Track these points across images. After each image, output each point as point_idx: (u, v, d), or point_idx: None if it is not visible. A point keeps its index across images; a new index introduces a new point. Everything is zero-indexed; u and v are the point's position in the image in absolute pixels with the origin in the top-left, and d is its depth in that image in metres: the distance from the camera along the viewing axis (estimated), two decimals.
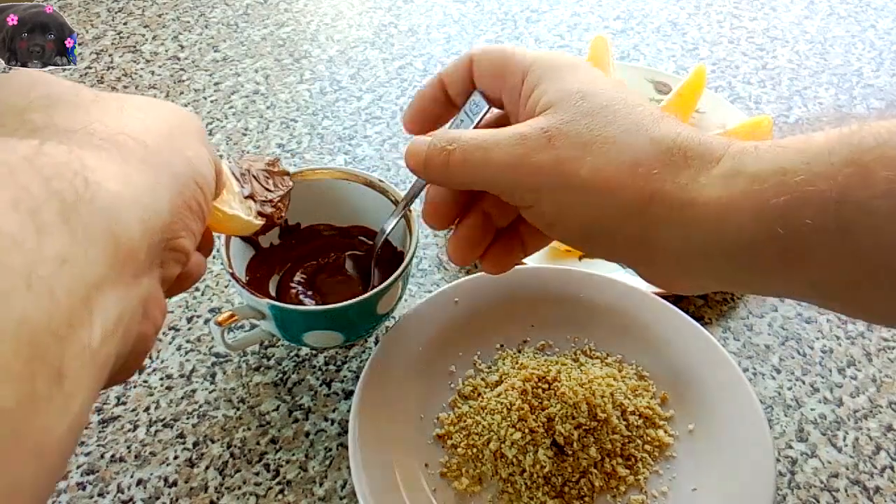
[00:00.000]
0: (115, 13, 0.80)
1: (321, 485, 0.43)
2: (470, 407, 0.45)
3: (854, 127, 0.28)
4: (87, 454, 0.44)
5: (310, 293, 0.49)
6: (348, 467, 0.43)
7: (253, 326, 0.50)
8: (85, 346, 0.20)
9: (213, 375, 0.48)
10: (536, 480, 0.41)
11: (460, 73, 0.39)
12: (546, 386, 0.45)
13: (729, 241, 0.30)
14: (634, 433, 0.44)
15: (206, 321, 0.52)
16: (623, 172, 0.31)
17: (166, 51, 0.76)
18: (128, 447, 0.45)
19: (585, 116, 0.33)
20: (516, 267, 0.51)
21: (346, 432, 0.44)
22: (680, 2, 0.86)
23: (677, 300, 0.52)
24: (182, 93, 0.70)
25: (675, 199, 0.31)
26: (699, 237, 0.31)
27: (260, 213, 0.41)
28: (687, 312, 0.49)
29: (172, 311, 0.52)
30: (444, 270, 0.56)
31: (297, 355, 0.50)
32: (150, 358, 0.49)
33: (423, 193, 0.41)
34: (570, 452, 0.42)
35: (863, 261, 0.28)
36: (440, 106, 0.40)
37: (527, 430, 0.42)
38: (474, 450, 0.43)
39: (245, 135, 0.66)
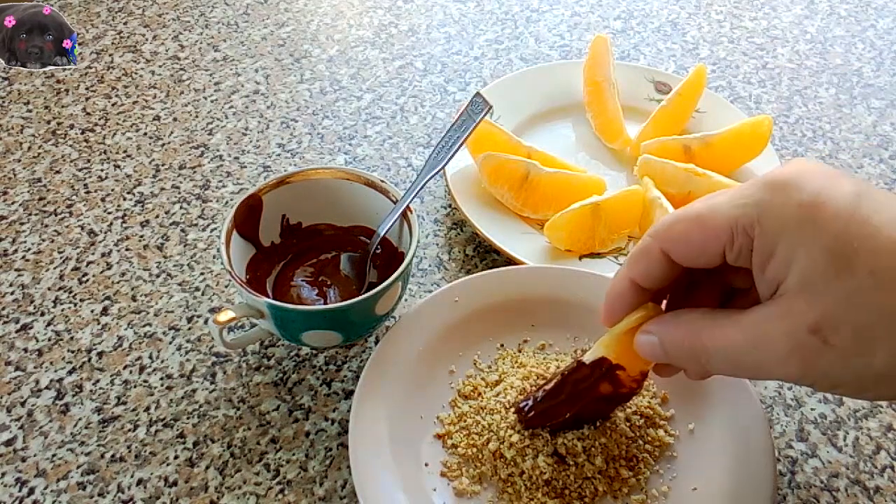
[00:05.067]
0: (115, 13, 0.80)
1: (321, 485, 0.43)
2: (470, 406, 0.45)
3: None
4: (87, 454, 0.44)
5: (309, 292, 0.49)
6: (348, 467, 0.43)
7: (252, 325, 0.51)
8: None
9: (214, 375, 0.48)
10: (536, 482, 0.41)
11: (655, 268, 0.35)
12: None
13: None
14: (636, 433, 0.44)
15: (207, 321, 0.52)
16: None
17: (166, 51, 0.76)
18: (128, 447, 0.45)
19: (854, 296, 0.28)
20: (516, 267, 0.52)
21: (346, 432, 0.44)
22: (680, 2, 0.86)
23: None
24: (182, 93, 0.71)
25: None
26: None
27: None
28: None
29: (172, 311, 0.52)
30: (444, 270, 0.56)
31: (297, 355, 0.50)
32: (151, 357, 0.49)
33: (422, 192, 0.41)
34: (571, 463, 0.41)
35: None
36: (636, 299, 0.37)
37: (526, 434, 0.42)
38: (474, 450, 0.43)
39: (245, 135, 0.67)
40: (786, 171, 0.31)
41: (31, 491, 0.43)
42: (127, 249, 0.56)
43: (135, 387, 0.48)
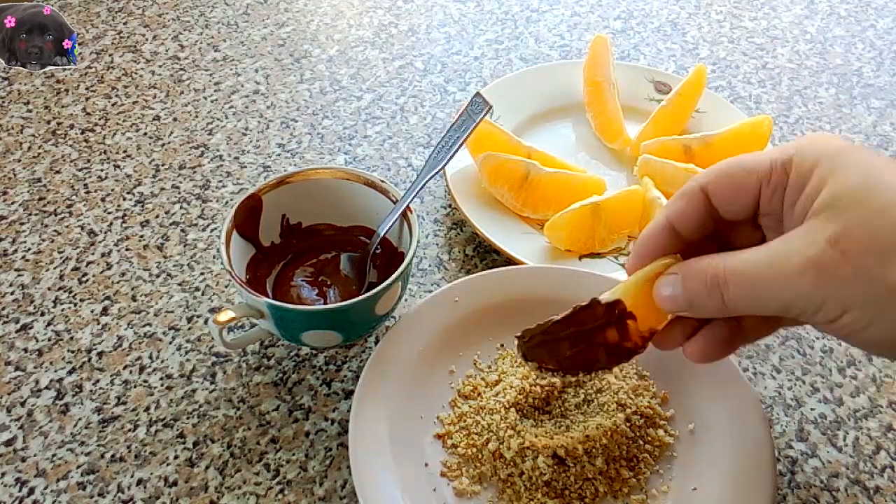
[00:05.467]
0: (115, 13, 0.80)
1: (321, 485, 0.43)
2: (470, 406, 0.45)
3: None
4: (87, 454, 0.44)
5: (309, 292, 0.49)
6: (348, 467, 0.43)
7: (252, 325, 0.51)
8: None
9: (214, 375, 0.48)
10: (536, 482, 0.41)
11: (694, 209, 0.35)
12: (543, 383, 0.44)
13: None
14: (636, 433, 0.44)
15: (207, 321, 0.52)
16: None
17: (166, 51, 0.76)
18: (128, 447, 0.45)
19: (876, 214, 0.29)
20: (516, 267, 0.52)
21: (346, 432, 0.44)
22: (680, 2, 0.87)
23: None
24: (182, 93, 0.71)
25: None
26: None
27: None
28: None
29: (172, 311, 0.52)
30: (444, 270, 0.56)
31: (297, 355, 0.50)
32: (151, 357, 0.49)
33: (421, 192, 0.41)
34: (571, 465, 0.41)
35: None
36: (669, 244, 0.37)
37: (525, 437, 0.42)
38: (474, 450, 0.43)
39: (245, 135, 0.67)
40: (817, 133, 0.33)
41: (31, 491, 0.43)
42: (127, 249, 0.56)
43: (135, 387, 0.48)
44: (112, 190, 0.61)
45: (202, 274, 0.55)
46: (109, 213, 0.59)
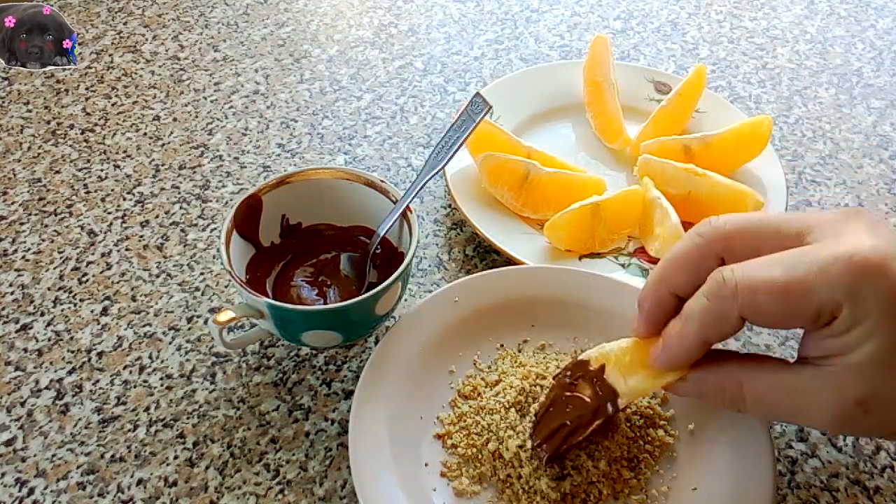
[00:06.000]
0: (115, 13, 0.80)
1: (321, 485, 0.43)
2: (470, 406, 0.45)
3: None
4: (87, 454, 0.44)
5: (309, 292, 0.49)
6: (348, 467, 0.43)
7: (252, 325, 0.51)
8: None
9: (214, 375, 0.48)
10: (535, 485, 0.41)
11: (731, 328, 0.36)
12: (544, 383, 0.44)
13: None
14: (636, 434, 0.44)
15: (207, 321, 0.52)
16: None
17: (166, 51, 0.76)
18: (128, 447, 0.45)
19: None
20: (516, 267, 0.52)
21: (346, 432, 0.44)
22: (680, 2, 0.87)
23: None
24: (182, 93, 0.71)
25: None
26: None
27: None
28: None
29: (172, 311, 0.52)
30: (444, 270, 0.56)
31: (297, 355, 0.50)
32: (151, 358, 0.49)
33: (421, 192, 0.41)
34: (571, 472, 0.41)
35: None
36: (672, 309, 0.38)
37: (525, 438, 0.42)
38: (474, 450, 0.43)
39: (245, 135, 0.67)
40: (875, 255, 0.32)
41: (31, 491, 0.43)
42: (127, 249, 0.56)
43: (135, 387, 0.48)
44: (112, 190, 0.61)
45: (202, 274, 0.55)
46: (109, 213, 0.59)
